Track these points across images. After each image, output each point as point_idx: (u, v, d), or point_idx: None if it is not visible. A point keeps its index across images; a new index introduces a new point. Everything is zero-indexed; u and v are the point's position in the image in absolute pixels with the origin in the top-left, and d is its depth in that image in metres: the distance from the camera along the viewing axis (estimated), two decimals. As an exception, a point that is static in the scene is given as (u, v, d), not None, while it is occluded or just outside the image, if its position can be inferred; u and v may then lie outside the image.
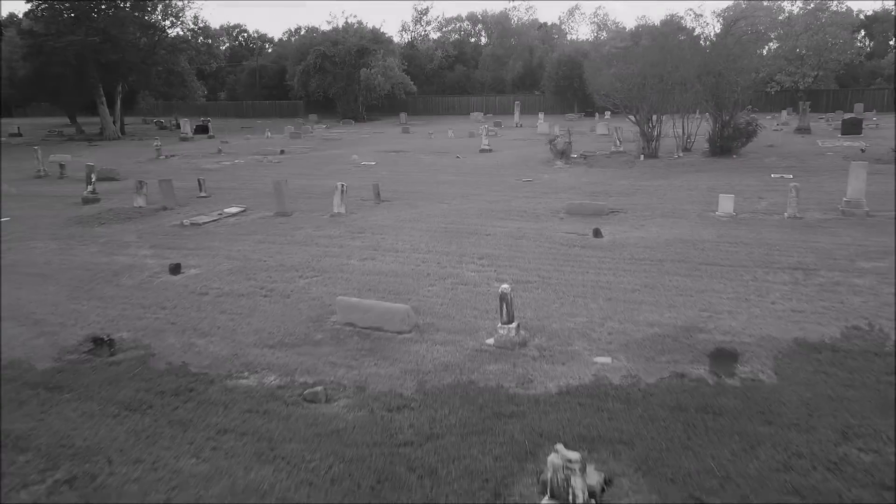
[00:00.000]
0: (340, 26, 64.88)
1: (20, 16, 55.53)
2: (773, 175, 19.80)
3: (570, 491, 4.65)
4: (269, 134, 42.45)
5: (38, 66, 41.99)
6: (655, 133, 25.82)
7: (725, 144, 25.00)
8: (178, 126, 56.21)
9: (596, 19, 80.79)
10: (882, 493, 4.75)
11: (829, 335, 7.66)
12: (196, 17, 54.44)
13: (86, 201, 19.32)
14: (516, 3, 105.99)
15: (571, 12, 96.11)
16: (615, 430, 5.73)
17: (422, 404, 6.37)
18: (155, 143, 37.16)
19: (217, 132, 46.69)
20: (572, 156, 25.93)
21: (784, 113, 42.37)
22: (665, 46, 25.04)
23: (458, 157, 28.42)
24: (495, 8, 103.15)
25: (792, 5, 62.96)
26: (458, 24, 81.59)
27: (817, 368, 6.83)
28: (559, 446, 4.70)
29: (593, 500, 4.77)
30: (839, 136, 30.95)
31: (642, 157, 25.41)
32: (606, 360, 7.27)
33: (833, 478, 4.95)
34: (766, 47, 59.17)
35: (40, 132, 51.91)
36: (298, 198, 17.63)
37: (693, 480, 4.98)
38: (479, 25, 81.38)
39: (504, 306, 7.69)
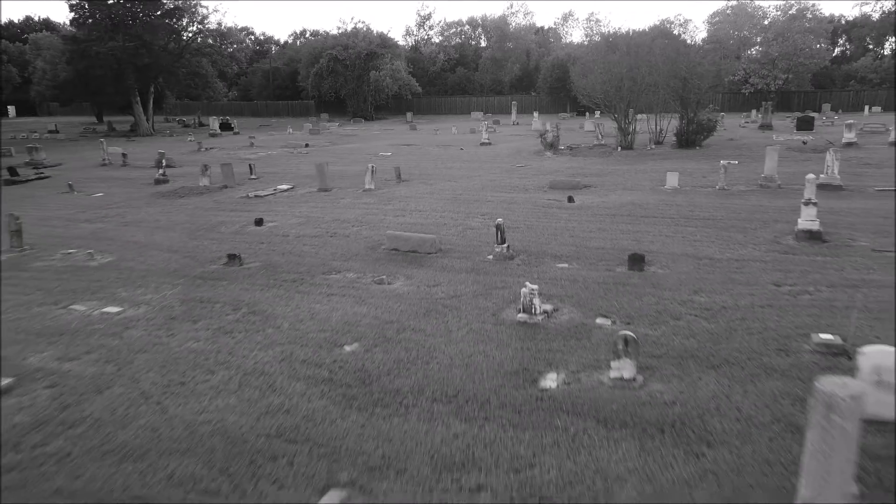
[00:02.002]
0: (349, 30, 68.73)
1: (64, 22, 59.42)
2: (722, 161, 23.61)
3: (533, 306, 8.56)
4: (291, 130, 46.30)
5: (81, 70, 45.73)
6: (631, 128, 29.69)
7: (690, 138, 28.83)
8: (201, 124, 60.10)
9: (588, 24, 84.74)
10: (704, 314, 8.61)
11: (711, 253, 11.52)
12: (220, 24, 58.07)
13: (157, 182, 23.17)
14: (514, 9, 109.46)
15: (566, 18, 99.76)
16: (564, 292, 9.58)
17: (447, 284, 10.23)
18: (189, 139, 41.03)
19: (240, 129, 50.53)
20: (560, 147, 29.79)
21: (754, 112, 46.20)
22: (638, 54, 28.85)
23: (461, 149, 32.26)
24: (495, 11, 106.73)
25: (777, 11, 66.98)
26: (458, 29, 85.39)
27: (695, 266, 10.71)
28: (527, 282, 8.61)
29: (546, 313, 8.65)
30: (794, 131, 34.80)
31: (619, 148, 29.26)
32: (564, 265, 11.12)
33: (683, 308, 8.80)
34: (753, 50, 63.07)
35: (74, 129, 55.74)
36: (333, 179, 21.44)
37: (601, 309, 8.84)
38: (479, 29, 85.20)
39: (499, 233, 11.56)
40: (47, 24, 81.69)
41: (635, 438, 5.63)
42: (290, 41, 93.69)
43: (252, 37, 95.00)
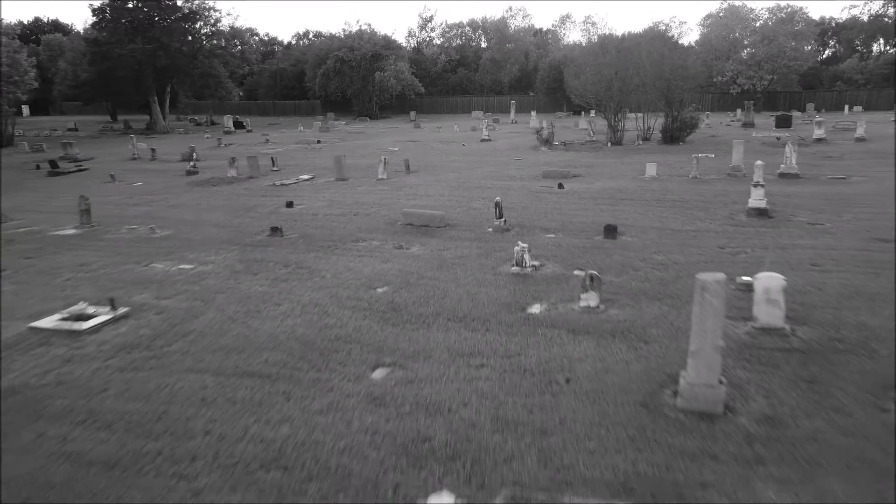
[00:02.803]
0: (354, 32, 70.87)
1: (72, 24, 61.44)
2: (700, 154, 25.78)
3: (524, 260, 10.73)
4: (302, 128, 48.45)
5: (103, 71, 47.86)
6: (620, 126, 31.84)
7: (675, 134, 30.98)
8: (212, 123, 62.22)
9: (585, 27, 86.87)
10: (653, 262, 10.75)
11: (674, 226, 13.66)
12: (232, 26, 60.19)
13: (188, 173, 25.31)
14: (513, 11, 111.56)
15: (563, 20, 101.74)
16: (550, 254, 11.73)
17: (455, 248, 12.38)
18: (206, 136, 43.12)
19: (251, 128, 52.69)
20: (554, 143, 31.93)
21: (739, 111, 48.31)
22: (626, 57, 30.99)
23: (463, 145, 34.41)
24: (495, 13, 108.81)
25: (767, 14, 69.10)
26: (459, 30, 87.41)
27: (659, 235, 12.86)
28: (519, 241, 10.78)
29: (534, 267, 10.80)
30: (773, 128, 36.93)
31: (609, 144, 31.42)
32: (551, 235, 13.28)
33: (643, 263, 10.95)
34: (745, 52, 65.13)
35: (91, 128, 57.86)
36: (348, 170, 23.56)
37: (578, 264, 10.98)
38: (479, 31, 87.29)
39: (497, 209, 13.72)
40: (56, 26, 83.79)
41: (594, 339, 7.79)
42: (293, 42, 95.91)
43: (256, 37, 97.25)
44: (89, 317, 8.83)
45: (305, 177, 22.93)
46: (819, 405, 6.04)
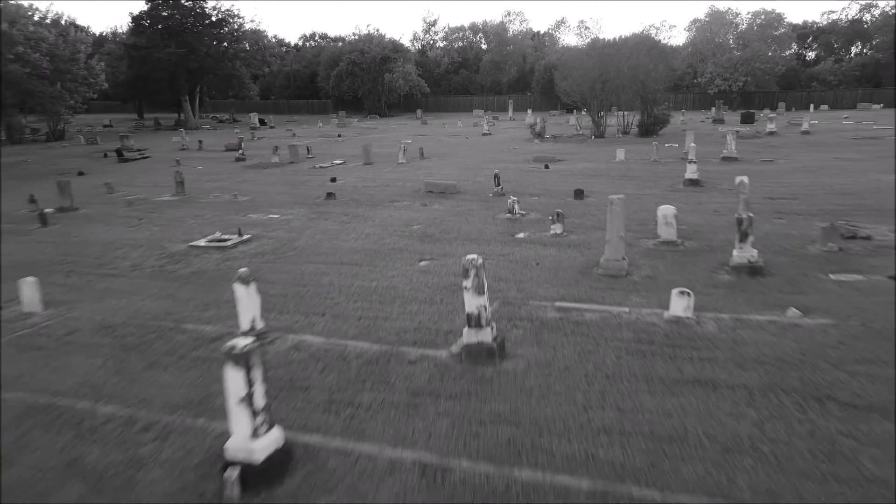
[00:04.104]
0: (363, 34, 75.18)
1: (122, 30, 65.61)
2: (666, 144, 30.07)
3: (514, 209, 15.05)
4: (321, 124, 52.71)
5: (142, 73, 52.12)
6: (602, 121, 36.09)
7: (649, 128, 35.22)
8: (234, 120, 66.45)
9: (578, 31, 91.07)
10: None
11: (628, 192, 17.92)
12: (255, 31, 64.29)
13: (238, 160, 29.56)
14: (512, 16, 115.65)
15: (558, 25, 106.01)
16: (534, 208, 15.98)
17: (465, 205, 16.66)
18: (235, 131, 47.20)
19: (273, 125, 56.92)
20: (545, 136, 36.19)
21: (713, 109, 52.51)
22: (608, 61, 35.24)
23: (467, 138, 38.67)
24: (495, 17, 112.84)
25: (750, 16, 73.24)
26: (461, 34, 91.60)
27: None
28: (510, 196, 15.11)
29: (522, 214, 15.09)
30: (739, 124, 41.15)
31: (593, 136, 35.67)
32: (536, 198, 17.54)
33: (598, 211, 15.22)
34: (727, 56, 69.39)
35: (124, 124, 62.09)
36: (372, 157, 27.83)
37: (554, 208, 15.27)
38: (480, 34, 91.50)
39: (496, 179, 18.01)
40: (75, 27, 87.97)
41: (556, 248, 12.08)
42: (300, 44, 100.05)
43: (265, 39, 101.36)
44: (226, 240, 13.14)
45: (338, 161, 27.21)
46: (680, 272, 10.33)
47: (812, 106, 57.66)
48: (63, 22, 39.47)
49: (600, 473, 4.94)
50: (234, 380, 4.96)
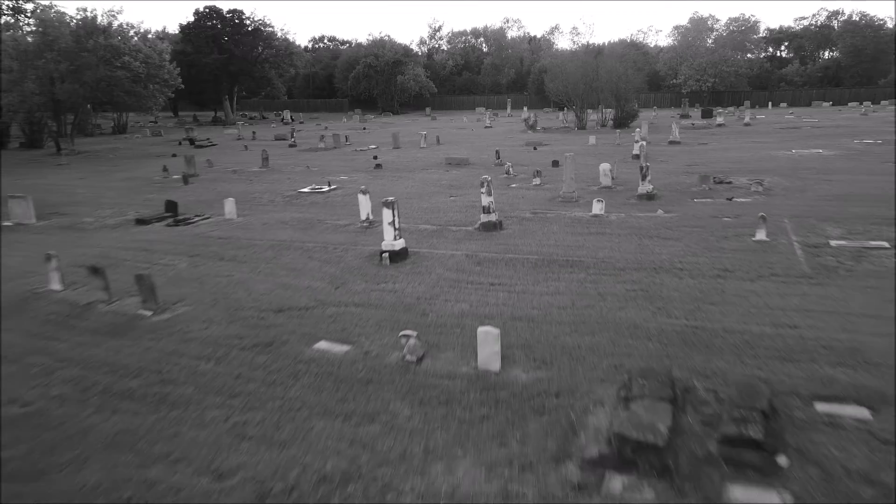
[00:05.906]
0: (377, 38, 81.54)
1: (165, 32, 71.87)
2: (631, 134, 36.34)
3: (510, 171, 21.48)
4: (345, 120, 59.00)
5: (189, 75, 58.29)
6: (584, 116, 42.43)
7: (622, 121, 41.51)
8: (263, 117, 72.78)
9: (571, 36, 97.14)
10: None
11: (592, 164, 24.30)
12: (285, 38, 70.45)
13: (290, 146, 35.89)
14: (510, 23, 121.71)
15: (552, 30, 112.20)
16: (524, 171, 22.35)
17: (475, 171, 23.02)
18: (272, 125, 53.36)
19: (302, 120, 63.24)
20: (537, 128, 42.52)
21: (683, 107, 58.70)
22: (589, 66, 41.51)
23: (472, 130, 44.99)
24: (495, 22, 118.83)
25: (726, 25, 79.22)
26: (464, 38, 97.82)
27: (582, 165, 23.57)
28: (507, 162, 21.57)
29: (515, 175, 21.48)
30: (700, 118, 47.44)
31: (576, 128, 41.98)
32: (525, 166, 23.90)
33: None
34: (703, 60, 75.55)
35: (167, 121, 68.44)
36: (399, 143, 34.13)
37: (536, 173, 21.68)
38: (481, 38, 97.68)
39: (497, 154, 24.41)
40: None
41: (535, 191, 18.47)
42: (310, 46, 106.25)
43: (294, 45, 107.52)
44: (320, 188, 19.55)
45: (372, 146, 33.55)
46: (608, 199, 16.68)
47: (770, 104, 63.83)
48: (150, 36, 45.81)
49: (544, 255, 11.37)
50: (386, 214, 11.39)
